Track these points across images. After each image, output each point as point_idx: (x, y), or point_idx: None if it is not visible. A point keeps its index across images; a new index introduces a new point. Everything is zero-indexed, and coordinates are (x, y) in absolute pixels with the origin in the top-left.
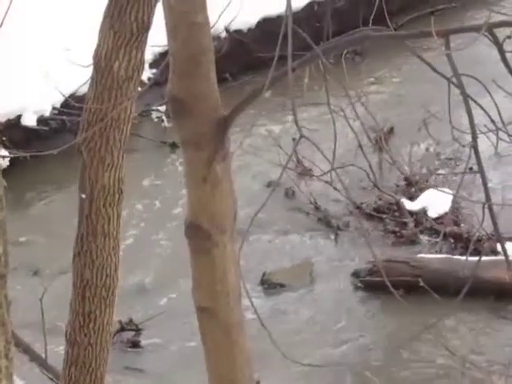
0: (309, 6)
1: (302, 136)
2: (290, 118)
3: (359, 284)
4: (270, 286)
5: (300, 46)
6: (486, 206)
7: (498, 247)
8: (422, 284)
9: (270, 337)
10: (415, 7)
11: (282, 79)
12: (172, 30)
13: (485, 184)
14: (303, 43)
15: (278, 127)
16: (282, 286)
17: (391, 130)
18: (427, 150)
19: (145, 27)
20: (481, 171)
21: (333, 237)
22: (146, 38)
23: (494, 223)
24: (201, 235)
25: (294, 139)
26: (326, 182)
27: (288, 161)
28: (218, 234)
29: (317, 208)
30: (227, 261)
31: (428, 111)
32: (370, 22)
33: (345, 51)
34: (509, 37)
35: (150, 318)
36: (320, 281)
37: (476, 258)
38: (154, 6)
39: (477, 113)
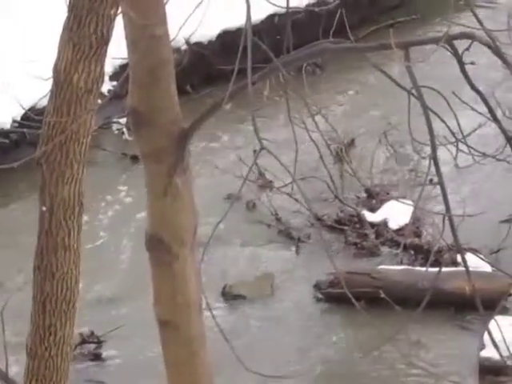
0: (269, 18)
1: (262, 148)
2: (252, 129)
3: (320, 296)
4: (231, 298)
5: (261, 59)
6: (446, 217)
7: (459, 258)
8: (382, 295)
9: (232, 349)
10: (376, 20)
11: (243, 92)
12: (132, 42)
13: (445, 195)
14: (264, 56)
15: (240, 139)
16: (243, 298)
17: (352, 142)
18: (388, 161)
19: (104, 40)
20: (440, 183)
21: (294, 249)
22: (106, 50)
23: (454, 234)
24: (161, 248)
25: (254, 151)
26: (287, 193)
27: (248, 173)
28: (178, 247)
29: (278, 220)
30: (188, 273)
31: (389, 123)
32: (331, 34)
33: (305, 64)
34: (467, 49)
35: (112, 330)
36: (281, 293)
37: (436, 270)
38: (114, 18)
39: (437, 125)
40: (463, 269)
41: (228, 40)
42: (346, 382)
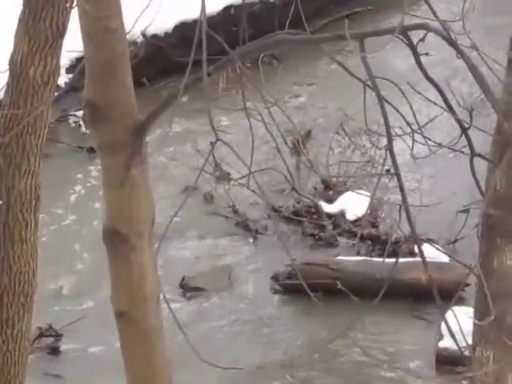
0: (225, 9)
1: (217, 139)
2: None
3: (278, 287)
4: (189, 290)
5: (217, 50)
6: (403, 208)
7: (416, 249)
8: (340, 286)
9: (188, 341)
10: (331, 11)
11: (199, 83)
12: (87, 35)
13: (401, 186)
14: (220, 47)
15: (197, 131)
16: (201, 289)
17: (309, 134)
18: (345, 152)
19: (60, 33)
20: (397, 173)
21: (251, 240)
22: (62, 43)
23: (411, 225)
24: (118, 240)
25: (211, 143)
26: (244, 185)
27: (204, 164)
28: (135, 239)
29: (235, 212)
30: (145, 265)
31: (345, 114)
32: (287, 25)
33: (262, 55)
34: (422, 39)
35: (70, 323)
36: (239, 284)
37: (394, 260)
38: (69, 11)
39: (394, 116)
40: (420, 259)
41: (185, 32)
42: (304, 373)
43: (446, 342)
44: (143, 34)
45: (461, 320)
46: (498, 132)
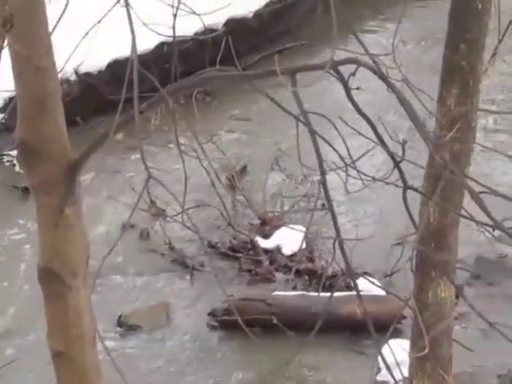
0: (158, 47)
1: (150, 177)
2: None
3: (216, 324)
4: (126, 327)
5: (150, 88)
6: (337, 242)
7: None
8: (275, 322)
9: (125, 381)
10: (265, 47)
11: (131, 121)
12: (18, 74)
13: (334, 220)
14: (153, 84)
15: (132, 168)
16: (138, 327)
17: (244, 169)
18: (280, 187)
19: None
20: (330, 208)
21: (188, 277)
22: None
23: (345, 259)
24: (54, 280)
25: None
26: (180, 222)
27: (137, 202)
28: (70, 279)
29: (172, 248)
30: (81, 304)
31: (279, 149)
32: (217, 62)
33: (195, 91)
34: (353, 74)
35: (5, 364)
36: (177, 321)
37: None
38: (0, 51)
39: (327, 150)
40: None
41: (118, 70)
42: None
43: (384, 375)
44: (76, 72)
45: (397, 352)
46: (430, 165)
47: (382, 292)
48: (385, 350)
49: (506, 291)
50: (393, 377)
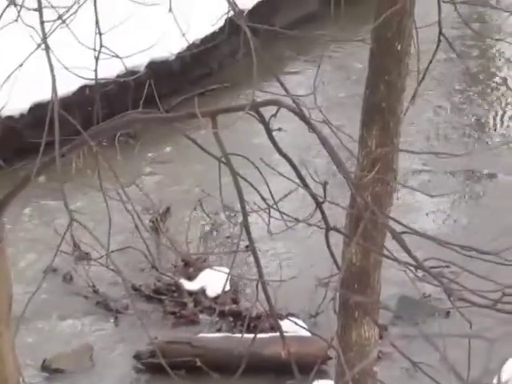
0: (80, 89)
1: (72, 219)
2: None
3: (141, 366)
4: (50, 372)
5: (74, 130)
6: (260, 283)
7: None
8: (199, 364)
9: None
10: (187, 89)
11: (54, 164)
12: None
13: (257, 262)
14: (75, 127)
15: (55, 211)
16: (62, 371)
17: (167, 210)
18: (204, 229)
19: None
20: (252, 249)
21: (112, 320)
22: None
23: (268, 300)
24: None
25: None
26: (103, 265)
27: (60, 244)
28: None
29: (95, 291)
30: (4, 349)
31: (203, 190)
32: (141, 104)
33: (118, 134)
34: (274, 115)
35: None
36: (102, 365)
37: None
38: None
39: (250, 191)
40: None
41: (40, 113)
42: None
43: None
44: None
45: None
46: (352, 206)
47: (306, 333)
48: None
49: (427, 331)
50: None
